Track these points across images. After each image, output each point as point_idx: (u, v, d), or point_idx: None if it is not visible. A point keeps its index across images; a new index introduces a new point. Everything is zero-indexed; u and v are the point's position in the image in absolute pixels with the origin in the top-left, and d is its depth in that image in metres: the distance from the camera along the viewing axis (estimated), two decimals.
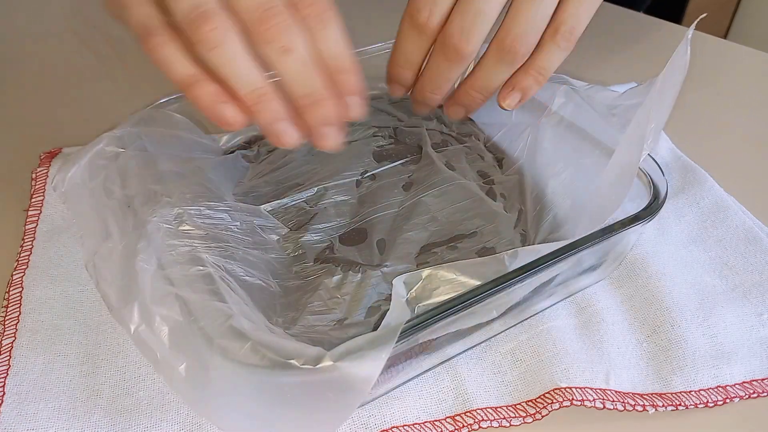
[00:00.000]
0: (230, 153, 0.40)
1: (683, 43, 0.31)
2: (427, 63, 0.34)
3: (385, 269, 0.33)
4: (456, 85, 0.36)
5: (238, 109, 0.26)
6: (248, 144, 0.41)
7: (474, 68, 0.34)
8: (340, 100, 0.27)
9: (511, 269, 0.30)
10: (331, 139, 0.27)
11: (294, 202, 0.36)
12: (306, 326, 0.30)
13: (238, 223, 0.34)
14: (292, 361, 0.24)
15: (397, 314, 0.27)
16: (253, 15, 0.25)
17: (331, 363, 0.24)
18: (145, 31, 0.27)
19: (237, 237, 0.33)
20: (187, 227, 0.31)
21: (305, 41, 0.26)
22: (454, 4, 0.32)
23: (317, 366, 0.24)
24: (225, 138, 0.42)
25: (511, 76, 0.33)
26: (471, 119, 0.44)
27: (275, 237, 0.34)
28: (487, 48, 0.33)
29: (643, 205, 0.33)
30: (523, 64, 0.33)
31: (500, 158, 0.40)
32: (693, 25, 0.32)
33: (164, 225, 0.30)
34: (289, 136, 0.27)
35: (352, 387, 0.25)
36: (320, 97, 0.27)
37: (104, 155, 0.35)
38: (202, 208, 0.33)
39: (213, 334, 0.25)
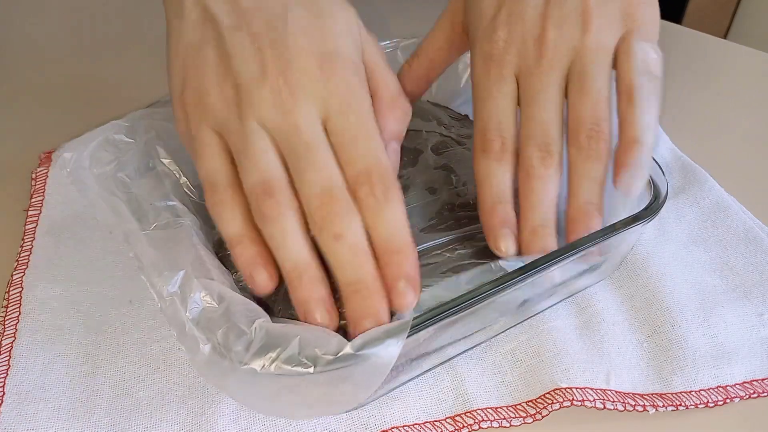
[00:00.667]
0: None
1: None
2: (522, 195, 0.31)
3: None
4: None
5: (268, 276, 0.28)
6: None
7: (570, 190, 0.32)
8: (390, 288, 0.27)
9: (511, 270, 0.30)
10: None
11: None
12: None
13: None
14: (315, 350, 0.25)
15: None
16: (313, 200, 0.27)
17: (351, 352, 0.25)
18: (210, 186, 0.29)
19: None
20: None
21: (358, 227, 0.27)
22: (517, 120, 0.32)
23: (338, 354, 0.25)
24: None
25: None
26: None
27: None
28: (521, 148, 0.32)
29: (644, 205, 0.33)
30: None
31: None
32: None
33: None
34: (319, 316, 0.27)
35: (370, 374, 0.26)
36: (364, 287, 0.27)
37: (112, 143, 0.35)
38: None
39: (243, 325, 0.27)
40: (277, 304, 0.31)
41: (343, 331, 0.28)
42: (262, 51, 0.29)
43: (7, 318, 0.35)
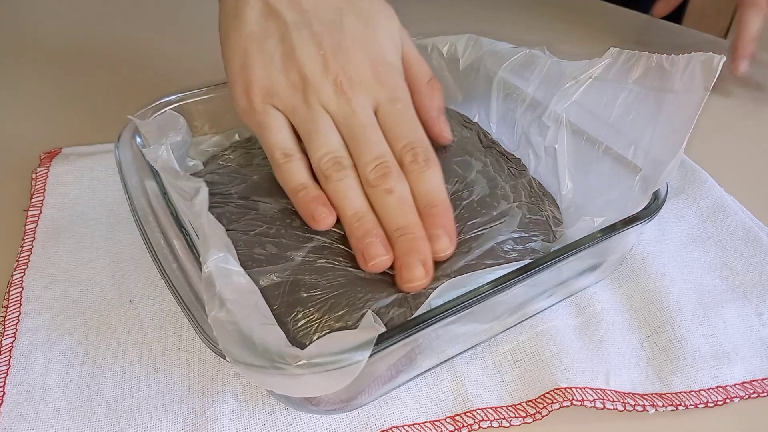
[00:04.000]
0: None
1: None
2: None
3: (387, 276, 0.33)
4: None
5: (328, 210, 0.33)
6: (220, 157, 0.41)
7: None
8: (429, 236, 0.32)
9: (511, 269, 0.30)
10: (413, 270, 0.30)
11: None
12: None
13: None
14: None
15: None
16: (369, 166, 0.33)
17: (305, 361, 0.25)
18: (282, 150, 0.34)
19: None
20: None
21: (405, 187, 0.33)
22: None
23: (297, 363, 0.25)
24: (214, 140, 0.42)
25: None
26: (476, 122, 0.44)
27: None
28: None
29: (643, 205, 0.33)
30: None
31: (503, 160, 0.40)
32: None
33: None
34: (375, 248, 0.31)
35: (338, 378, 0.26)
36: (410, 231, 0.31)
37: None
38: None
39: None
40: (278, 307, 0.31)
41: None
42: (323, 47, 0.35)
43: (7, 318, 0.35)
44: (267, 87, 0.35)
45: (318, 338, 0.29)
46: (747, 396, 0.33)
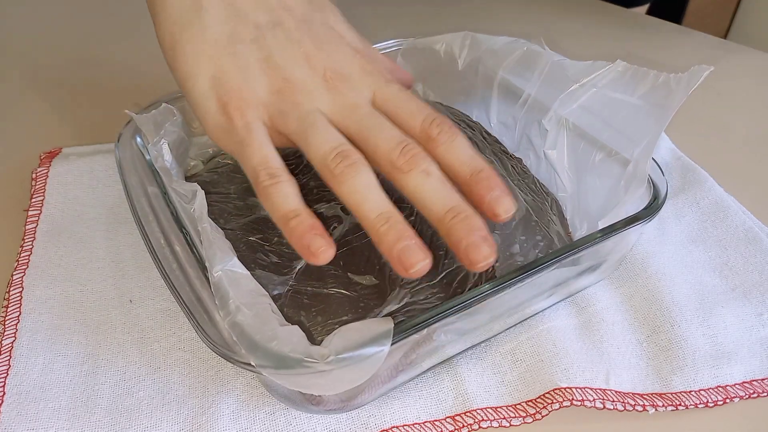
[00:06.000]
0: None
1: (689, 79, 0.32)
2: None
3: (389, 285, 0.33)
4: None
5: (327, 243, 0.28)
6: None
7: None
8: (486, 200, 0.28)
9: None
10: (481, 250, 0.26)
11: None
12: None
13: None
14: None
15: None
16: (394, 151, 0.29)
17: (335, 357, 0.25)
18: (266, 169, 0.29)
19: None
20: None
21: (437, 166, 0.29)
22: None
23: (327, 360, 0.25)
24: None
25: None
26: (477, 122, 0.44)
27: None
28: None
29: (643, 205, 0.33)
30: None
31: (507, 159, 0.40)
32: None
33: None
34: (414, 253, 0.27)
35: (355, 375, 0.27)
36: (463, 210, 0.27)
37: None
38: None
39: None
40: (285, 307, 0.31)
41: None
42: (303, 45, 0.32)
43: (7, 318, 0.35)
44: (247, 98, 0.31)
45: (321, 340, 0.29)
46: (747, 396, 0.33)
